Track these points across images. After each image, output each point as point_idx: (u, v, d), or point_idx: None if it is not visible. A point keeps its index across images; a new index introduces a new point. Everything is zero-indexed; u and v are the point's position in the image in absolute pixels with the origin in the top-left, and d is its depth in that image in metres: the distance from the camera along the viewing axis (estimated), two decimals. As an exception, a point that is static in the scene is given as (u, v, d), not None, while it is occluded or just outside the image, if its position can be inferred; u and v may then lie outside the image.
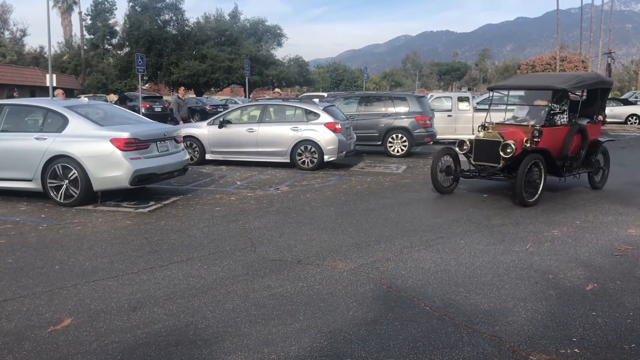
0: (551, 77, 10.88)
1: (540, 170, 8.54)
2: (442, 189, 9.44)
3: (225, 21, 50.23)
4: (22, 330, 3.95)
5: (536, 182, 8.51)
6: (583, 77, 9.59)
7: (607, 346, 3.74)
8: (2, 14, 65.28)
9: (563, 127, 9.22)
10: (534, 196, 8.48)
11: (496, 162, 8.74)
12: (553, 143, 8.96)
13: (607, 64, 50.28)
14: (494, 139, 8.78)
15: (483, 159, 9.00)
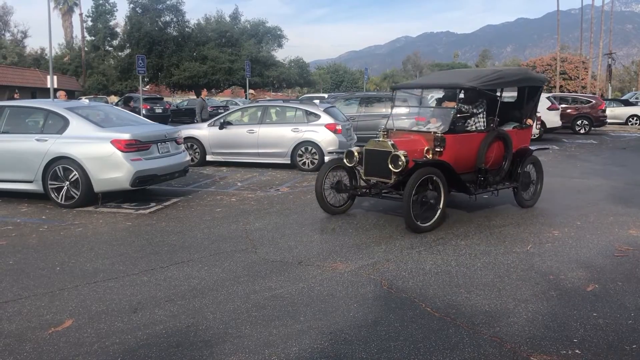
0: (462, 73, 9.16)
1: (439, 187, 6.98)
2: (331, 208, 7.78)
3: (226, 22, 50.24)
4: (23, 332, 3.95)
5: (430, 202, 6.87)
6: (501, 74, 8.08)
7: (608, 347, 3.74)
8: (3, 15, 65.37)
9: (476, 133, 7.66)
10: (429, 220, 6.87)
11: (387, 178, 7.12)
12: (461, 153, 7.42)
13: (608, 65, 50.30)
14: (384, 150, 7.12)
15: (373, 174, 7.38)
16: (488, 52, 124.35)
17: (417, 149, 7.26)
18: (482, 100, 7.86)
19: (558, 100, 24.22)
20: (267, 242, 6.41)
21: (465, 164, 7.54)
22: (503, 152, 7.98)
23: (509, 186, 8.18)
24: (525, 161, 8.29)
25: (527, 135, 8.72)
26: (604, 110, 25.66)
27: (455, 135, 7.36)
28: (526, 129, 8.62)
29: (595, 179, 11.50)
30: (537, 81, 8.87)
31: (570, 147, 18.78)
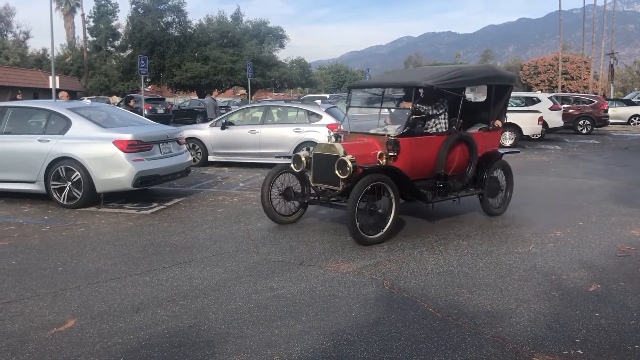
0: (421, 71, 8.57)
1: (389, 195, 6.40)
2: (279, 217, 7.20)
3: (228, 23, 50.28)
4: (26, 332, 3.96)
5: (379, 212, 6.31)
6: (462, 72, 7.38)
7: (610, 347, 3.74)
8: (5, 16, 65.51)
9: (435, 136, 7.11)
10: (378, 231, 6.33)
11: (336, 185, 6.53)
12: (419, 158, 6.88)
13: (610, 65, 50.25)
14: (332, 154, 6.55)
15: (322, 180, 6.76)
16: (490, 52, 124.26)
17: (370, 153, 6.70)
18: (444, 100, 7.26)
19: (560, 100, 24.20)
20: (269, 242, 6.41)
21: (423, 169, 6.98)
22: (468, 157, 7.36)
23: (474, 193, 7.59)
24: (492, 166, 7.68)
25: (495, 138, 8.10)
26: (606, 110, 25.64)
27: (411, 138, 6.79)
28: (494, 132, 7.97)
29: (597, 179, 11.48)
30: (505, 79, 8.14)
31: (572, 147, 18.76)
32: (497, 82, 7.95)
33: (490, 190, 7.72)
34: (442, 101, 7.24)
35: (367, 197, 6.20)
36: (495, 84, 7.91)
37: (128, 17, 46.55)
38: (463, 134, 7.26)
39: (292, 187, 7.18)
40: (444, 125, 7.26)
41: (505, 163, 8.09)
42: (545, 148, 18.40)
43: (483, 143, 7.62)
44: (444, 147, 6.98)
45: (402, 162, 6.69)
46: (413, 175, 6.76)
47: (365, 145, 6.88)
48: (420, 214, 7.95)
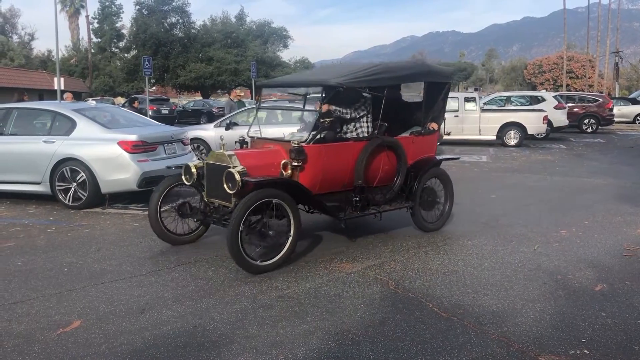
0: (335, 68, 7.39)
1: (287, 214, 5.44)
2: (172, 237, 6.21)
3: (232, 23, 50.39)
4: (32, 333, 3.97)
5: (269, 234, 5.33)
6: (382, 68, 6.39)
7: (616, 347, 3.72)
8: (10, 18, 65.75)
9: (353, 143, 6.14)
10: (272, 256, 5.35)
11: (228, 201, 5.51)
12: (331, 167, 5.93)
13: (615, 63, 50.04)
14: (222, 164, 5.55)
15: (215, 195, 5.75)
16: (494, 51, 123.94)
17: (274, 163, 5.78)
18: (366, 101, 6.40)
19: (565, 99, 24.13)
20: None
21: (339, 180, 6.08)
22: (396, 165, 6.50)
23: (401, 206, 6.61)
24: (425, 175, 6.71)
25: (430, 143, 7.07)
26: (611, 109, 25.55)
27: (321, 145, 5.89)
28: (428, 135, 6.97)
29: (602, 178, 11.44)
30: (439, 76, 7.11)
31: (577, 146, 18.70)
32: (430, 79, 7.00)
33: (424, 203, 6.80)
34: (363, 102, 6.37)
35: (257, 215, 5.30)
36: (428, 81, 7.01)
37: (132, 18, 46.73)
38: (386, 139, 6.33)
39: (190, 203, 6.17)
40: (367, 130, 6.34)
41: (443, 172, 7.11)
42: (550, 147, 18.36)
43: (415, 149, 6.73)
44: (363, 155, 6.05)
45: (311, 173, 5.79)
46: (326, 187, 5.96)
47: (268, 154, 5.93)
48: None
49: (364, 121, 6.37)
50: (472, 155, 16.02)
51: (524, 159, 15.13)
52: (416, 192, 6.61)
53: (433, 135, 7.08)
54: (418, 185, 6.61)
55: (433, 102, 7.05)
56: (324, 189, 5.97)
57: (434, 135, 7.11)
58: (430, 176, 6.89)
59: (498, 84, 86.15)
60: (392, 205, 6.49)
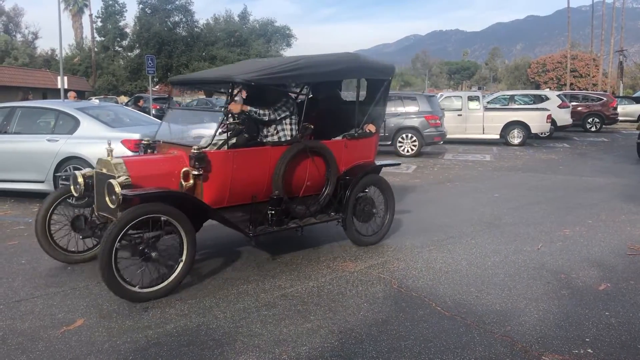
0: (251, 63, 6.66)
1: (179, 232, 4.67)
2: (64, 255, 5.48)
3: (235, 22, 50.41)
4: (36, 331, 3.98)
5: (152, 256, 4.54)
6: (306, 62, 5.64)
7: (620, 346, 3.71)
8: (14, 17, 65.92)
9: (271, 148, 5.42)
10: (160, 280, 4.62)
11: (115, 215, 4.65)
12: (242, 176, 5.20)
13: (619, 62, 49.87)
14: (108, 174, 4.81)
15: (103, 208, 4.90)
16: (498, 50, 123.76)
17: (173, 171, 4.98)
18: (288, 100, 5.74)
19: (569, 98, 24.07)
20: (277, 240, 6.41)
21: (254, 191, 5.28)
22: (325, 172, 5.84)
23: (330, 219, 5.90)
24: (359, 183, 6.03)
25: (367, 148, 6.35)
26: (615, 108, 25.48)
27: (228, 151, 5.18)
28: (365, 139, 6.26)
29: (606, 177, 11.41)
30: (374, 72, 6.39)
31: (581, 145, 18.66)
32: (365, 75, 6.33)
33: (361, 214, 6.11)
34: (285, 102, 5.66)
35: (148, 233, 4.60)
36: (363, 77, 6.37)
37: (135, 17, 46.78)
38: (310, 143, 5.65)
39: (84, 216, 5.41)
40: (291, 133, 5.64)
41: (381, 179, 6.43)
42: (554, 146, 18.32)
43: (349, 154, 6.07)
44: (281, 162, 5.36)
45: (217, 183, 5.07)
46: (238, 199, 5.25)
47: (167, 161, 5.13)
48: (428, 213, 7.93)
49: (286, 123, 5.64)
50: (475, 154, 15.99)
51: (527, 158, 15.10)
52: (348, 203, 5.90)
53: (371, 138, 6.37)
54: (350, 194, 5.92)
55: (371, 101, 6.44)
56: (235, 201, 5.26)
57: (372, 139, 6.40)
58: (366, 184, 6.19)
59: (501, 83, 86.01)
60: (319, 218, 5.77)
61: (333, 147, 5.86)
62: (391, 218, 6.45)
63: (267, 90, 5.64)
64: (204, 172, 4.98)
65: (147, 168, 5.01)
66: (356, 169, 6.11)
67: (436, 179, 11.23)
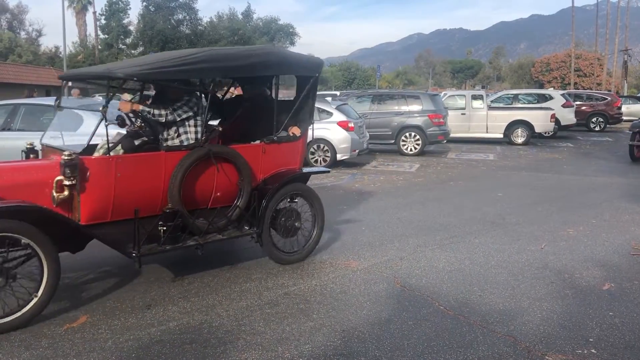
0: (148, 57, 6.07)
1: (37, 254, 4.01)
2: None
3: (238, 20, 50.48)
4: (39, 327, 3.99)
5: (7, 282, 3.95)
6: (207, 56, 4.80)
7: (624, 347, 3.70)
8: (18, 14, 66.07)
9: (164, 153, 4.72)
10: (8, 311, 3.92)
11: None
12: (127, 187, 4.46)
13: (624, 61, 49.68)
14: None
15: None
16: (502, 49, 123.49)
17: (45, 180, 4.25)
18: (191, 99, 5.01)
19: (573, 97, 24.00)
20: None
21: (144, 203, 4.54)
22: (238, 182, 5.12)
23: (243, 234, 5.20)
24: (278, 193, 5.32)
25: (290, 153, 5.62)
26: (619, 108, 25.40)
27: (109, 157, 4.45)
28: (287, 144, 5.53)
29: (610, 176, 11.38)
30: (296, 68, 5.66)
31: (585, 145, 18.61)
32: (286, 71, 5.63)
33: (282, 228, 5.44)
34: (187, 101, 4.95)
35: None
36: (284, 74, 5.68)
37: (139, 15, 46.95)
38: (215, 148, 4.92)
39: None
40: (195, 136, 4.95)
41: (307, 189, 5.72)
42: (558, 145, 18.27)
43: (268, 160, 5.37)
44: (178, 170, 4.64)
45: (97, 194, 4.36)
46: (124, 213, 4.45)
47: (37, 169, 4.45)
48: (432, 212, 7.92)
49: (190, 125, 4.96)
50: (479, 153, 15.96)
51: (531, 157, 15.07)
52: (264, 215, 5.19)
53: (295, 143, 5.62)
54: (267, 205, 5.21)
55: (295, 101, 5.73)
56: (123, 215, 4.48)
57: (296, 143, 5.65)
58: (288, 194, 5.49)
59: (505, 82, 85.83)
60: (227, 234, 5.07)
61: (248, 153, 5.16)
62: (319, 233, 5.72)
63: (170, 87, 5.01)
64: (79, 182, 4.24)
65: (9, 176, 4.25)
66: (276, 177, 5.41)
67: (439, 178, 11.21)
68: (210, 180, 4.95)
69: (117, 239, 4.49)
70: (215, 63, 4.89)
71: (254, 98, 5.75)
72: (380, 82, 58.70)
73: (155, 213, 4.61)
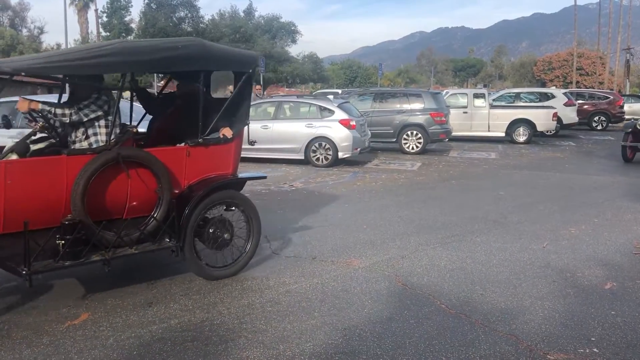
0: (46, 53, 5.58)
1: None
2: None
3: (240, 18, 50.41)
4: (40, 325, 3.99)
5: None
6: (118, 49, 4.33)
7: (626, 346, 3.69)
8: (20, 11, 66.10)
9: (65, 157, 4.21)
10: None
11: None
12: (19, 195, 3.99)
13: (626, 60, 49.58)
14: None
15: None
16: (503, 48, 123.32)
17: None
18: (100, 96, 4.59)
19: (575, 96, 23.95)
20: (281, 237, 6.41)
21: (33, 214, 4.04)
22: (154, 188, 4.59)
23: (160, 247, 4.67)
24: (203, 201, 4.79)
25: (221, 157, 5.10)
26: (621, 107, 25.33)
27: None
28: (216, 146, 5.01)
29: (612, 175, 11.35)
30: (226, 62, 5.20)
31: (587, 144, 18.57)
32: (213, 66, 5.13)
33: (210, 240, 4.93)
34: (97, 98, 4.56)
35: None
36: (211, 69, 5.18)
37: (141, 12, 46.90)
38: (125, 152, 4.43)
39: None
40: (107, 138, 4.50)
41: (240, 196, 5.21)
42: (560, 144, 18.24)
43: (194, 165, 4.85)
44: (81, 177, 4.16)
45: None
46: (17, 225, 3.96)
47: None
48: (433, 210, 7.91)
49: (100, 126, 4.58)
50: (480, 151, 15.94)
51: (533, 156, 15.04)
52: (186, 226, 4.68)
53: (226, 145, 5.09)
54: (189, 215, 4.69)
55: (225, 99, 5.22)
56: (16, 227, 4.00)
57: (227, 146, 5.12)
58: (216, 203, 4.97)
59: (507, 81, 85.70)
60: (141, 248, 4.54)
61: (168, 156, 4.66)
62: (255, 246, 5.19)
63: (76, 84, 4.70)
64: None
65: None
66: (203, 183, 4.89)
67: (441, 177, 11.20)
68: (123, 188, 4.46)
69: (9, 254, 4.03)
70: (126, 57, 4.42)
71: (187, 96, 5.16)
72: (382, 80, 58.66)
73: (57, 225, 4.14)
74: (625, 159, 13.46)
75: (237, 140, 5.24)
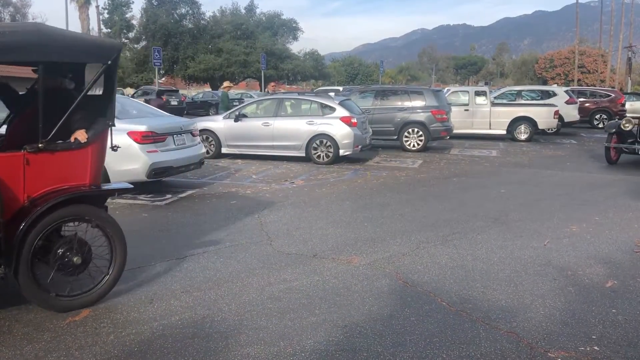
0: None
1: None
2: None
3: (241, 15, 50.40)
4: (41, 321, 4.00)
5: None
6: None
7: (627, 344, 3.69)
8: (21, 8, 66.01)
9: None
10: None
11: None
12: None
13: (628, 58, 49.51)
14: None
15: None
16: (505, 45, 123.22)
17: None
18: None
19: (576, 94, 23.91)
20: (282, 234, 6.41)
21: None
22: None
23: None
24: (45, 218, 4.00)
25: (73, 165, 4.25)
26: (623, 104, 25.28)
27: None
28: (65, 152, 4.19)
29: (614, 173, 11.34)
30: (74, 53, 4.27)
31: (588, 142, 18.54)
32: (56, 57, 4.10)
33: (59, 264, 4.15)
34: None
35: None
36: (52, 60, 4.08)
37: (142, 9, 46.98)
38: None
39: None
40: None
41: (97, 212, 4.38)
42: (561, 142, 18.22)
43: (37, 175, 4.06)
44: None
45: None
46: None
47: None
48: (434, 208, 7.90)
49: None
50: (482, 149, 15.93)
51: (534, 154, 15.03)
52: (21, 248, 3.89)
53: (81, 151, 4.26)
54: (23, 236, 3.89)
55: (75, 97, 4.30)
56: None
57: (82, 152, 4.27)
58: (62, 220, 4.17)
59: (509, 78, 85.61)
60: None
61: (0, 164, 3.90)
62: (119, 271, 4.43)
63: None
64: None
65: None
66: (50, 196, 4.08)
67: (442, 174, 11.19)
68: None
69: None
70: None
71: (47, 92, 4.10)
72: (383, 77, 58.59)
73: None
74: (609, 161, 12.74)
75: (95, 145, 4.37)
